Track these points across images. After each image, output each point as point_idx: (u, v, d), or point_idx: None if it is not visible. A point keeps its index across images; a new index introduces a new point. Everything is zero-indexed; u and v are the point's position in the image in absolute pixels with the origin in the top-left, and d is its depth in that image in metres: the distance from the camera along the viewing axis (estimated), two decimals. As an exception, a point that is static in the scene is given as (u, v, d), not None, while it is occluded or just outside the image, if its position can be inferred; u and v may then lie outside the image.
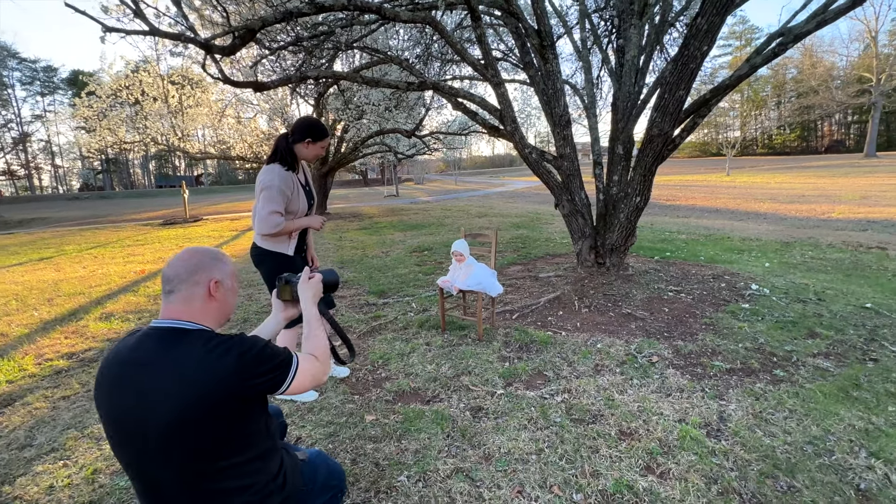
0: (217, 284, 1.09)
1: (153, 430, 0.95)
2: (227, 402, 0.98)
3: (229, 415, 0.99)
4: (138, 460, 0.99)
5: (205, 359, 0.98)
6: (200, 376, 0.96)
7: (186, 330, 1.03)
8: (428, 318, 3.63)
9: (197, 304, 1.07)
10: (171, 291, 1.06)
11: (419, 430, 2.05)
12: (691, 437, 1.92)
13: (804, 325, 3.17)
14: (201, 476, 0.99)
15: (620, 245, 4.43)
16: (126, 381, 0.99)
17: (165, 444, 0.95)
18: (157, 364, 0.98)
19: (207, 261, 1.10)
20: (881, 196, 13.03)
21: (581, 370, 2.62)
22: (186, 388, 0.95)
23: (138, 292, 4.88)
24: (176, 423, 0.94)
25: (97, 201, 34.56)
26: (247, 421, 1.03)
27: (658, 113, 3.37)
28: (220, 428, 0.98)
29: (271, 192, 2.09)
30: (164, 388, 0.96)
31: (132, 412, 0.97)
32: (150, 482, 1.00)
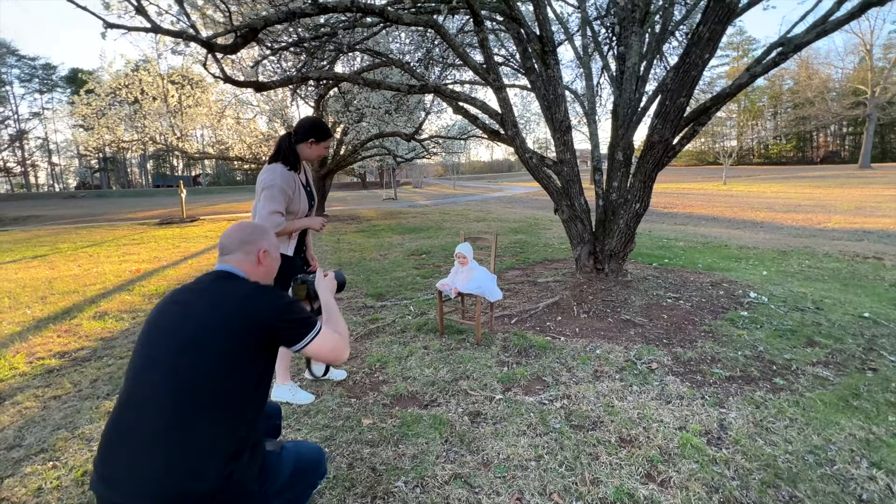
0: (265, 254, 1.31)
1: (182, 337, 1.10)
2: (251, 333, 1.12)
3: (247, 349, 1.12)
4: (155, 356, 1.10)
5: (248, 295, 1.18)
6: (240, 307, 1.14)
7: (237, 275, 1.24)
8: (426, 321, 3.60)
9: (247, 266, 1.27)
10: (228, 254, 1.27)
11: (417, 435, 2.02)
12: (692, 444, 1.90)
13: (803, 334, 3.16)
14: (205, 385, 1.06)
15: (619, 251, 4.42)
16: (180, 298, 1.19)
17: (187, 350, 1.08)
18: (209, 291, 1.19)
19: (258, 233, 1.32)
20: (876, 207, 13.13)
21: (580, 376, 2.60)
22: (225, 312, 1.13)
23: (133, 291, 4.83)
24: (211, 328, 1.10)
25: (94, 200, 34.37)
26: (256, 366, 1.14)
27: (659, 120, 3.37)
28: (234, 358, 1.10)
29: (273, 191, 2.07)
30: (208, 306, 1.14)
31: (174, 319, 1.14)
32: (148, 386, 1.07)
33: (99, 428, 2.17)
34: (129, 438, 1.03)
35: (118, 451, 1.03)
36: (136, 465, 1.00)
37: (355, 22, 4.05)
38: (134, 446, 1.02)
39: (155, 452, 1.00)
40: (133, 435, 1.03)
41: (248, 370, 1.12)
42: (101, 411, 2.33)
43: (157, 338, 1.13)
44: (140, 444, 1.01)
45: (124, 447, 1.03)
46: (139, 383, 1.09)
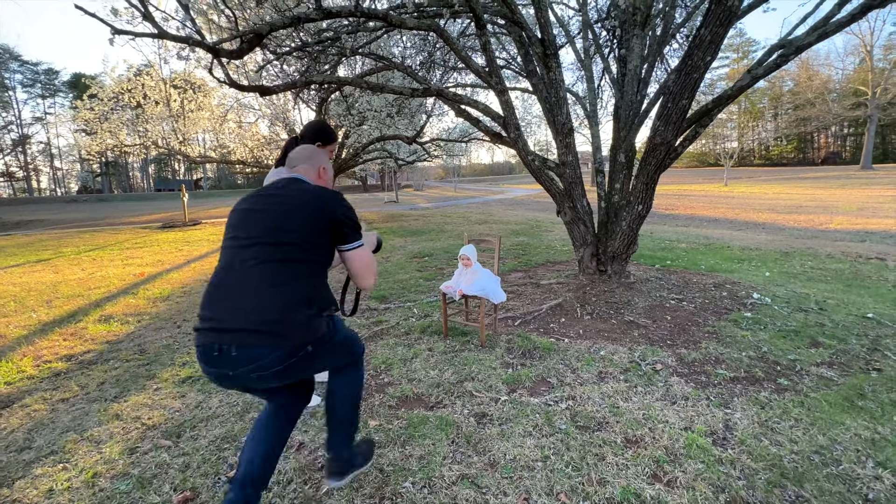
0: (324, 170, 1.67)
1: (274, 219, 1.39)
2: (325, 222, 1.43)
3: (320, 234, 1.42)
4: (248, 234, 1.38)
5: (323, 194, 1.48)
6: (317, 200, 1.45)
7: (305, 180, 1.56)
8: (430, 323, 3.61)
9: (311, 176, 1.61)
10: (296, 166, 1.61)
11: (423, 436, 2.03)
12: (697, 445, 1.91)
13: (807, 335, 3.17)
14: (284, 264, 1.35)
15: (622, 253, 4.43)
16: (264, 195, 1.48)
17: (278, 230, 1.37)
18: (289, 188, 1.49)
19: (318, 154, 1.68)
20: (878, 208, 13.12)
21: (585, 377, 2.61)
22: (305, 203, 1.43)
23: (138, 294, 4.86)
24: (295, 214, 1.40)
25: (95, 204, 34.50)
26: (325, 248, 1.45)
27: (661, 122, 3.39)
28: (312, 239, 1.39)
29: None
30: (291, 199, 1.44)
31: (265, 206, 1.43)
32: (249, 256, 1.35)
33: (108, 430, 2.19)
34: (231, 290, 1.33)
35: (222, 300, 1.33)
36: (239, 307, 1.30)
37: (358, 26, 4.08)
38: (237, 296, 1.31)
39: (257, 299, 1.30)
40: (236, 288, 1.33)
41: (320, 250, 1.44)
42: (109, 413, 2.35)
43: (252, 220, 1.41)
44: (242, 295, 1.31)
45: (228, 297, 1.32)
46: (239, 254, 1.37)
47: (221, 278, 1.38)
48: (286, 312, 1.31)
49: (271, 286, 1.31)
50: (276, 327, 1.29)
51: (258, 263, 1.33)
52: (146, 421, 2.25)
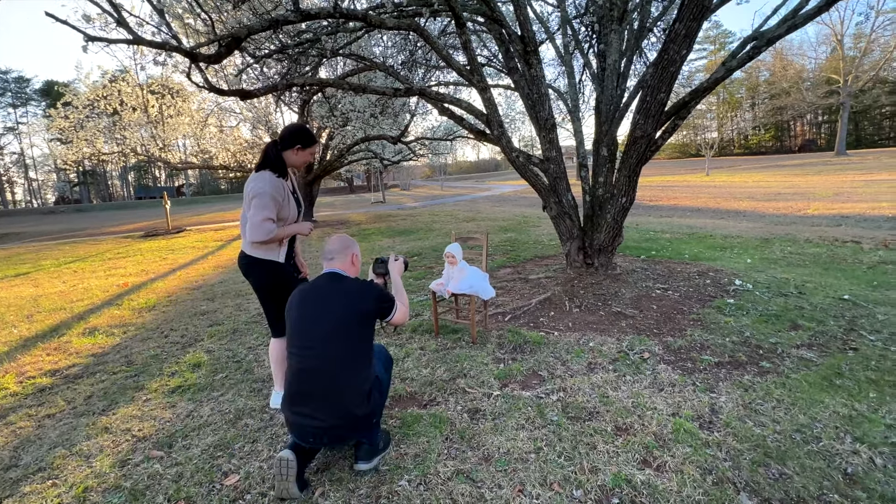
0: (356, 257, 1.99)
1: (327, 325, 1.75)
2: (365, 316, 1.81)
3: (364, 327, 1.82)
4: (311, 344, 1.75)
5: (358, 291, 1.84)
6: (357, 300, 1.81)
7: (344, 276, 1.90)
8: (420, 322, 3.63)
9: (346, 266, 1.93)
10: (332, 258, 1.92)
11: (418, 434, 2.05)
12: (685, 429, 1.96)
13: (787, 318, 3.27)
14: (347, 357, 1.76)
15: (608, 245, 4.50)
16: (311, 297, 1.83)
17: (331, 335, 1.74)
18: (332, 290, 1.84)
19: (351, 242, 1.99)
20: (853, 192, 13.51)
21: (575, 369, 2.65)
22: (350, 303, 1.80)
23: (122, 305, 4.77)
24: (342, 321, 1.76)
25: (73, 215, 33.61)
26: (369, 335, 1.86)
27: (640, 115, 3.45)
28: (359, 334, 1.80)
29: (263, 199, 2.08)
30: (336, 301, 1.80)
31: (316, 313, 1.78)
32: (317, 359, 1.74)
33: (97, 444, 2.16)
34: (308, 394, 1.72)
35: (304, 401, 1.71)
36: (319, 407, 1.70)
37: (338, 27, 4.06)
38: (313, 397, 1.71)
39: (329, 400, 1.71)
40: (312, 392, 1.72)
41: (366, 339, 1.83)
42: (97, 427, 2.31)
43: (308, 327, 1.77)
44: (317, 396, 1.71)
45: (308, 398, 1.71)
46: (305, 361, 1.74)
47: (296, 382, 1.78)
48: (352, 408, 1.77)
49: (337, 388, 1.77)
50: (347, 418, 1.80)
51: (323, 368, 1.78)
52: (136, 433, 2.23)
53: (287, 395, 1.75)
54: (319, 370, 1.72)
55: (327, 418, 1.69)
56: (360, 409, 1.73)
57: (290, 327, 1.82)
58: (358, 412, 1.72)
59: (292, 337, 1.80)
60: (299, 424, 1.71)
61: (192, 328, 3.87)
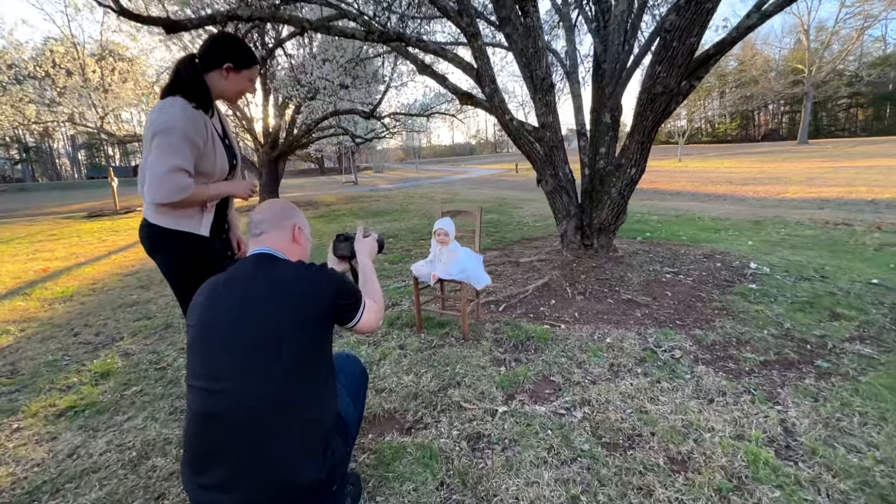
0: (300, 230, 1.29)
1: (250, 339, 1.04)
2: (321, 316, 1.12)
3: (317, 333, 1.12)
4: (220, 372, 1.02)
5: (303, 276, 1.14)
6: (300, 293, 1.11)
7: (279, 257, 1.19)
8: (399, 314, 3.02)
9: (284, 244, 1.23)
10: (262, 233, 1.23)
11: (400, 479, 1.46)
12: (763, 461, 1.46)
13: (822, 306, 2.85)
14: (286, 390, 1.03)
15: (610, 224, 4.00)
16: (226, 291, 1.12)
17: (258, 352, 1.03)
18: (260, 281, 1.12)
19: (290, 210, 1.30)
20: (825, 178, 13.69)
21: (595, 373, 2.12)
22: (290, 299, 1.09)
23: (31, 296, 3.90)
24: (275, 331, 1.05)
25: (15, 194, 30.60)
26: (325, 347, 1.15)
27: (663, 66, 2.90)
28: (308, 341, 1.09)
29: (171, 137, 1.38)
30: (267, 298, 1.08)
31: (230, 320, 1.06)
32: (231, 396, 1.00)
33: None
34: (219, 456, 1.00)
35: (212, 466, 1.00)
36: (237, 476, 0.99)
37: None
38: (227, 461, 0.99)
39: (254, 464, 0.99)
40: (224, 452, 1.00)
41: (318, 358, 1.12)
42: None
43: (215, 344, 1.06)
44: (234, 459, 0.99)
45: (219, 462, 0.99)
46: (212, 400, 1.01)
47: (202, 431, 1.08)
48: (295, 474, 1.08)
49: (269, 439, 1.06)
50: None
51: (244, 406, 1.06)
52: (-10, 482, 1.54)
53: (186, 460, 1.05)
54: (236, 416, 1.00)
55: (254, 494, 0.99)
56: (311, 472, 1.03)
57: (189, 345, 1.10)
58: (306, 478, 1.02)
59: (193, 361, 1.08)
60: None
61: (113, 324, 3.11)
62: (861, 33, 33.32)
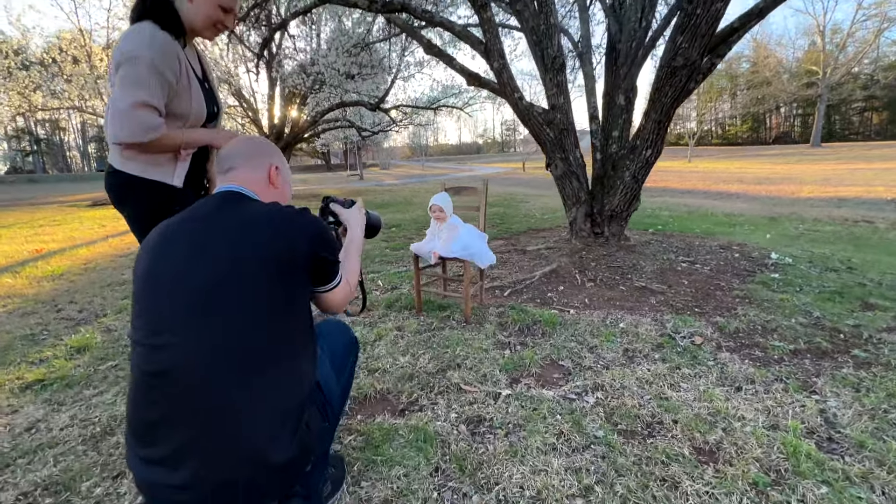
0: (277, 170, 1.06)
1: (204, 283, 0.85)
2: (295, 262, 0.92)
3: (290, 280, 0.92)
4: (164, 326, 0.84)
5: (277, 216, 0.93)
6: (272, 232, 0.91)
7: (249, 196, 0.98)
8: (398, 296, 2.86)
9: (257, 185, 1.02)
10: (231, 168, 1.02)
11: (389, 463, 1.29)
12: (804, 454, 1.27)
13: (853, 296, 2.65)
14: (250, 346, 0.85)
15: (622, 211, 3.81)
16: (181, 232, 0.92)
17: (216, 304, 0.84)
18: (219, 218, 0.92)
19: (266, 146, 1.09)
20: (841, 178, 13.34)
21: (608, 357, 1.94)
22: (259, 240, 0.89)
23: (21, 273, 3.78)
24: (237, 275, 0.86)
25: (25, 185, 30.84)
26: (299, 298, 0.96)
27: (685, 36, 2.70)
28: (279, 290, 0.89)
29: (137, 68, 1.21)
30: (230, 238, 0.88)
31: (181, 263, 0.87)
32: (179, 352, 0.82)
33: None
34: (165, 425, 0.82)
35: (157, 438, 0.82)
36: (188, 449, 0.80)
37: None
38: (175, 432, 0.81)
39: (210, 434, 0.81)
40: (170, 419, 0.81)
41: (292, 312, 0.93)
42: None
43: (166, 290, 0.86)
44: (184, 429, 0.81)
45: (166, 433, 0.81)
46: (156, 357, 0.83)
47: (145, 396, 0.90)
48: (259, 453, 0.89)
49: (226, 408, 0.87)
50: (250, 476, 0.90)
51: (196, 367, 0.87)
52: (-59, 456, 1.39)
53: (130, 431, 0.86)
54: (186, 376, 0.81)
55: (206, 471, 0.80)
56: (278, 448, 0.84)
57: (133, 297, 0.91)
58: (272, 454, 0.83)
59: (135, 314, 0.89)
60: (151, 485, 0.83)
61: (99, 301, 2.97)
62: (877, 36, 32.72)
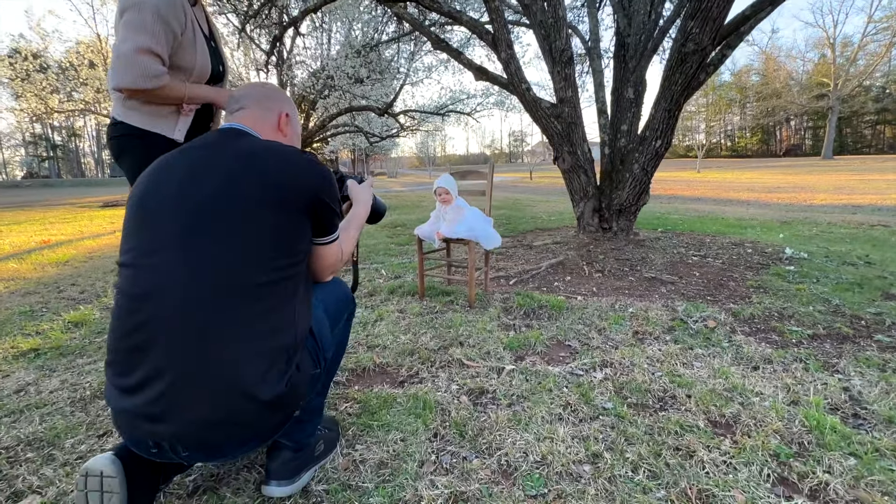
0: (287, 118, 1.05)
1: (200, 205, 0.81)
2: (298, 202, 0.87)
3: (291, 219, 0.87)
4: (158, 244, 0.81)
5: (281, 153, 0.90)
6: (274, 167, 0.87)
7: (252, 134, 0.95)
8: (401, 284, 2.80)
9: (265, 127, 1.00)
10: (241, 108, 1.00)
11: (386, 428, 1.23)
12: (829, 427, 1.19)
13: (873, 287, 2.54)
14: (242, 272, 0.80)
15: (631, 205, 3.74)
16: (177, 164, 0.88)
17: (213, 222, 0.81)
18: (220, 148, 0.90)
19: (280, 93, 1.07)
20: (854, 187, 13.14)
21: (617, 339, 1.87)
22: (262, 175, 0.85)
23: (26, 259, 3.79)
24: (235, 204, 0.82)
25: (40, 189, 31.49)
26: (299, 239, 0.90)
27: (696, 21, 2.66)
28: (280, 227, 0.85)
29: (142, 14, 1.19)
30: (230, 169, 0.85)
31: (178, 186, 0.84)
32: (168, 271, 0.79)
33: None
34: (148, 349, 0.77)
35: (138, 364, 0.77)
36: (170, 377, 0.76)
37: None
38: (158, 357, 0.77)
39: (194, 361, 0.77)
40: (154, 343, 0.77)
41: (287, 251, 0.86)
42: None
43: (159, 214, 0.82)
44: (166, 354, 0.76)
45: (149, 359, 0.77)
46: (144, 276, 0.80)
47: (134, 323, 0.84)
48: (249, 389, 0.84)
49: (216, 337, 0.83)
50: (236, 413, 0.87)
51: (189, 291, 0.83)
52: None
53: (109, 361, 0.82)
54: (171, 297, 0.77)
55: (192, 406, 0.76)
56: (266, 382, 0.79)
57: (124, 223, 0.87)
58: (259, 387, 0.78)
59: (125, 238, 0.86)
60: (130, 416, 0.77)
61: (101, 284, 2.95)
62: (888, 49, 32.54)
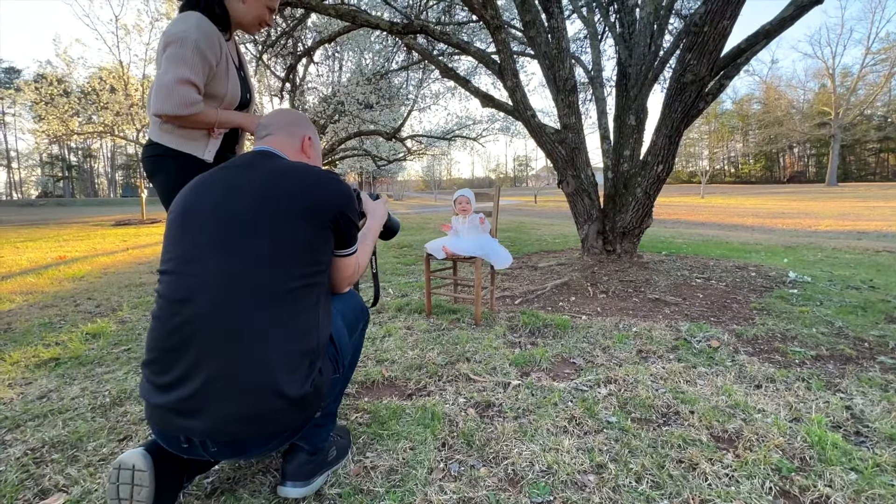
0: (310, 141, 1.15)
1: (236, 219, 0.90)
2: (323, 215, 0.95)
3: (316, 231, 0.95)
4: (197, 253, 0.89)
5: (308, 173, 0.98)
6: (303, 185, 0.95)
7: (281, 155, 1.05)
8: (408, 301, 2.86)
9: (290, 150, 1.09)
10: (269, 134, 1.10)
11: (396, 437, 1.26)
12: (831, 443, 1.21)
13: (877, 310, 2.56)
14: (272, 281, 0.88)
15: (634, 228, 3.81)
16: (215, 181, 0.97)
17: (247, 235, 0.89)
18: (254, 168, 0.98)
19: (303, 119, 1.17)
20: (859, 214, 13.16)
21: (621, 356, 1.90)
22: (291, 191, 0.93)
23: (43, 275, 3.90)
24: (266, 217, 0.90)
25: (54, 208, 32.16)
26: (323, 250, 0.97)
27: (693, 54, 2.80)
28: (306, 239, 0.93)
29: (184, 49, 1.31)
30: (263, 186, 0.93)
31: (215, 201, 0.93)
32: (208, 278, 0.87)
33: None
34: (186, 349, 0.84)
35: (176, 362, 0.84)
36: (207, 375, 0.82)
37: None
38: (196, 356, 0.83)
39: (231, 359, 0.83)
40: (191, 343, 0.83)
41: (313, 261, 0.94)
42: None
43: (199, 225, 0.91)
44: (205, 353, 0.83)
45: (186, 359, 0.83)
46: (184, 283, 0.87)
47: (174, 325, 0.91)
48: (277, 388, 0.91)
49: (250, 341, 0.90)
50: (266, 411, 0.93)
51: (222, 294, 0.92)
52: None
53: (147, 361, 0.88)
54: (211, 299, 0.84)
55: (224, 402, 0.81)
56: (293, 382, 0.85)
57: (165, 232, 0.96)
58: (286, 386, 0.84)
59: (166, 246, 0.94)
60: (164, 411, 0.84)
61: (116, 299, 3.03)
62: (888, 79, 33.11)
